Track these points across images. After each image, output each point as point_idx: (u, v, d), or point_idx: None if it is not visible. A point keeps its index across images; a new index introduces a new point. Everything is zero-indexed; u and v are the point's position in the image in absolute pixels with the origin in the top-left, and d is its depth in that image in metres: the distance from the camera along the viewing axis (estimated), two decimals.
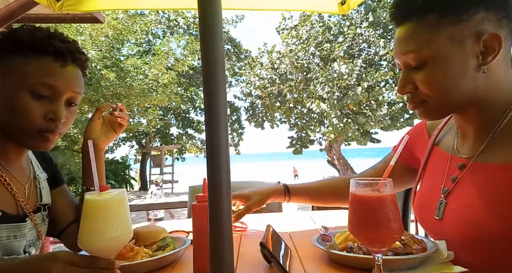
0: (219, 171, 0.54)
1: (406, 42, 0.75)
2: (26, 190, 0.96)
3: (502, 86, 0.73)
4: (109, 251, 0.67)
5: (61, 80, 0.86)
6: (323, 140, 13.06)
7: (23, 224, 0.89)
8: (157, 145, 16.43)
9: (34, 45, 0.84)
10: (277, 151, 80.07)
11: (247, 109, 14.41)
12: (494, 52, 0.70)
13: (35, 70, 0.83)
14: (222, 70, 0.55)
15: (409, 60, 0.76)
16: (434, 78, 0.73)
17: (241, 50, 16.70)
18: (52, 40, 0.86)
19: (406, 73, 0.78)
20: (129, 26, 12.13)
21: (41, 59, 0.84)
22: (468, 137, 0.82)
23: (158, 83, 11.65)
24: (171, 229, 1.19)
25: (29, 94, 0.83)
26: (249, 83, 13.25)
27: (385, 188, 0.63)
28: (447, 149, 0.88)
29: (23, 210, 0.92)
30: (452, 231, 0.78)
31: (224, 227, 0.55)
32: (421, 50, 0.73)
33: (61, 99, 0.87)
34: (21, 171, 0.97)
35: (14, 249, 0.87)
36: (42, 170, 1.07)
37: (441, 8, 0.71)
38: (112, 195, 0.67)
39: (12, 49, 0.84)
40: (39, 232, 0.96)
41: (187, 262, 0.92)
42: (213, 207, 0.55)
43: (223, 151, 0.54)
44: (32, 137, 0.86)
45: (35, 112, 0.83)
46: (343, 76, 10.54)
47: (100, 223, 0.65)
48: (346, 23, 11.71)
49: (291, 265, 0.85)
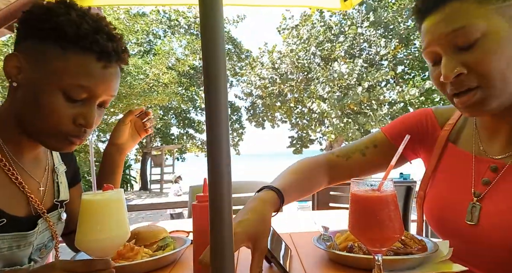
0: (219, 171, 0.54)
1: (451, 20, 0.67)
2: (41, 187, 0.86)
3: None
4: (106, 251, 0.67)
5: (101, 82, 0.76)
6: (324, 140, 13.06)
7: (30, 232, 0.79)
8: (158, 145, 16.44)
9: (77, 40, 0.72)
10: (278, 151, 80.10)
11: (248, 108, 14.42)
12: None
13: (74, 69, 0.72)
14: (223, 69, 0.54)
15: (457, 40, 0.67)
16: (489, 57, 0.65)
17: (242, 50, 16.70)
18: (98, 36, 0.74)
19: (451, 57, 0.68)
20: (130, 26, 12.14)
21: (82, 56, 0.73)
22: (500, 137, 0.77)
23: (158, 82, 11.67)
24: (171, 229, 1.19)
25: (62, 95, 0.73)
26: (250, 83, 13.26)
27: (386, 188, 0.63)
28: (468, 148, 0.82)
29: (36, 210, 0.83)
30: (489, 236, 0.73)
31: (225, 227, 0.55)
32: (472, 25, 0.65)
33: (95, 103, 0.78)
34: (36, 163, 0.87)
35: (16, 260, 0.79)
36: (61, 162, 0.96)
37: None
38: (109, 195, 0.67)
39: (51, 36, 0.72)
40: (54, 232, 0.88)
41: (187, 262, 0.92)
42: (214, 207, 0.55)
43: (224, 151, 0.54)
44: (57, 140, 0.77)
45: (64, 116, 0.74)
46: (344, 75, 10.54)
47: (97, 223, 0.64)
48: (347, 23, 11.72)
49: (291, 265, 0.85)
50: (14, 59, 0.74)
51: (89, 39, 0.73)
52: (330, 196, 2.32)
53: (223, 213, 0.54)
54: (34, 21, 0.73)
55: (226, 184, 0.54)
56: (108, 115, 11.21)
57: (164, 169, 14.51)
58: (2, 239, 0.74)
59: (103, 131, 12.46)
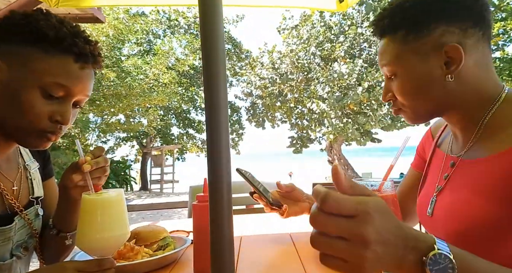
0: (219, 171, 0.54)
1: (381, 56, 0.84)
2: (15, 186, 0.90)
3: (480, 86, 0.76)
4: (107, 250, 0.67)
5: (78, 82, 0.80)
6: (323, 140, 13.07)
7: (8, 227, 0.82)
8: (158, 145, 16.43)
9: (57, 42, 0.77)
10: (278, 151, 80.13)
11: (248, 109, 14.42)
12: (457, 62, 0.73)
13: (53, 68, 0.77)
14: (223, 69, 0.54)
15: (385, 72, 0.84)
16: (402, 88, 0.80)
17: (242, 50, 16.69)
18: (77, 39, 0.79)
19: (386, 83, 0.86)
20: (130, 26, 12.14)
21: (61, 58, 0.78)
22: (458, 137, 0.85)
23: (158, 82, 11.66)
24: (172, 229, 1.19)
25: (40, 92, 0.77)
26: (250, 83, 13.25)
27: (386, 189, 0.63)
28: (444, 149, 0.91)
29: (12, 208, 0.86)
30: (440, 226, 0.81)
31: (225, 227, 0.55)
32: (391, 64, 0.81)
33: (71, 101, 0.82)
34: (8, 163, 0.91)
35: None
36: (32, 159, 1.00)
37: (406, 25, 0.77)
38: (109, 195, 0.67)
39: (30, 39, 0.76)
40: (33, 229, 0.91)
41: (187, 262, 0.92)
42: (214, 207, 0.55)
43: (224, 151, 0.54)
44: (32, 136, 0.80)
45: (41, 112, 0.77)
46: (344, 76, 10.53)
47: (97, 222, 0.65)
48: (347, 23, 11.71)
49: (292, 265, 0.85)
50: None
51: (68, 42, 0.78)
52: None
53: (223, 213, 0.54)
54: (12, 26, 0.77)
55: (226, 184, 0.54)
56: (108, 115, 11.21)
57: (164, 169, 14.51)
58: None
59: (104, 132, 12.45)
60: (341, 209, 0.42)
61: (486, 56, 0.77)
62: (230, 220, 0.55)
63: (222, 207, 0.55)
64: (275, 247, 1.03)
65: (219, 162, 0.54)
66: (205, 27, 0.55)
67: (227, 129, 0.55)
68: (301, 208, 1.13)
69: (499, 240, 0.68)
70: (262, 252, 1.00)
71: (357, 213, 0.42)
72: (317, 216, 0.44)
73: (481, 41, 0.75)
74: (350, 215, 0.42)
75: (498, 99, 0.75)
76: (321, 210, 0.43)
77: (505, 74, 9.55)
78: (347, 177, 0.46)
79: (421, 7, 0.76)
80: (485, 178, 0.71)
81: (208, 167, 0.55)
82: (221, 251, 0.55)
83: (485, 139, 0.76)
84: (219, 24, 0.55)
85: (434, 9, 0.75)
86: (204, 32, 0.55)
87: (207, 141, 0.55)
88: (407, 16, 0.77)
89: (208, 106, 0.55)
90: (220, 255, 0.55)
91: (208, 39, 0.55)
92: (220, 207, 0.55)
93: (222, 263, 0.55)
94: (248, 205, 1.93)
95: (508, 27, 9.43)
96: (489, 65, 0.78)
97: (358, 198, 0.43)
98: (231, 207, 0.56)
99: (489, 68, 0.78)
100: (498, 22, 9.48)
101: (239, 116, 17.29)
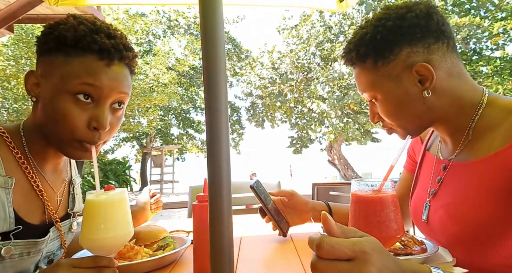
0: (219, 171, 0.54)
1: (358, 83, 0.86)
2: (58, 197, 0.89)
3: (459, 94, 0.78)
4: (110, 249, 0.68)
5: (107, 80, 0.75)
6: (324, 140, 13.07)
7: (41, 240, 0.81)
8: (158, 145, 16.44)
9: (76, 42, 0.74)
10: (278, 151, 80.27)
11: (248, 108, 14.42)
12: (430, 78, 0.75)
13: (77, 70, 0.74)
14: (223, 69, 0.54)
15: (366, 97, 0.86)
16: (385, 110, 0.82)
17: (242, 50, 16.69)
18: (97, 35, 0.75)
19: (371, 106, 0.88)
20: (130, 26, 12.15)
21: (84, 57, 0.74)
22: (447, 141, 0.86)
23: (158, 83, 11.66)
24: (171, 229, 1.19)
25: (71, 98, 0.74)
26: (250, 83, 13.26)
27: (386, 189, 0.63)
28: (434, 152, 0.92)
29: (50, 218, 0.84)
30: (436, 231, 0.81)
31: (224, 227, 0.54)
32: (368, 90, 0.83)
33: (106, 103, 0.77)
34: (56, 174, 0.90)
35: (24, 266, 0.80)
36: (78, 174, 0.99)
37: (372, 54, 0.79)
38: (113, 195, 0.67)
39: (54, 46, 0.75)
40: (63, 241, 0.89)
41: (187, 262, 0.92)
42: (214, 207, 0.55)
43: (224, 151, 0.54)
44: (72, 146, 0.77)
45: (77, 119, 0.74)
46: (344, 76, 10.54)
47: (101, 222, 0.65)
48: (347, 23, 11.71)
49: (292, 265, 0.85)
50: (30, 76, 0.78)
51: (87, 39, 0.74)
52: (330, 196, 2.32)
53: (223, 213, 0.54)
54: (42, 37, 0.77)
55: (226, 184, 0.54)
56: None
57: (164, 170, 14.52)
58: (15, 245, 0.75)
59: None
60: (338, 253, 0.44)
61: (456, 65, 0.78)
62: (230, 220, 0.55)
63: (222, 207, 0.55)
64: (275, 247, 1.03)
65: (219, 162, 0.54)
66: (205, 27, 0.55)
67: (227, 129, 0.55)
68: (301, 219, 1.12)
69: (498, 240, 0.68)
70: (262, 252, 1.00)
71: (355, 254, 0.44)
72: (317, 264, 0.46)
73: (447, 53, 0.77)
74: (348, 257, 0.44)
75: (481, 103, 0.77)
76: (319, 257, 0.45)
77: (506, 74, 9.56)
78: (337, 224, 0.48)
79: (381, 36, 0.78)
80: (479, 179, 0.72)
81: (208, 167, 0.55)
82: (221, 251, 0.54)
83: (475, 142, 0.77)
84: (219, 23, 0.55)
85: (393, 36, 0.77)
86: (204, 32, 0.55)
87: (207, 141, 0.55)
88: (370, 46, 0.79)
89: (208, 106, 0.54)
90: (220, 255, 0.55)
91: (208, 39, 0.54)
92: (220, 207, 0.55)
93: (222, 263, 0.54)
94: (248, 205, 1.93)
95: (508, 26, 9.44)
96: (462, 73, 0.79)
97: (352, 240, 0.45)
98: (231, 207, 0.56)
99: (463, 75, 0.79)
100: (498, 21, 9.49)
101: (239, 116, 17.29)
